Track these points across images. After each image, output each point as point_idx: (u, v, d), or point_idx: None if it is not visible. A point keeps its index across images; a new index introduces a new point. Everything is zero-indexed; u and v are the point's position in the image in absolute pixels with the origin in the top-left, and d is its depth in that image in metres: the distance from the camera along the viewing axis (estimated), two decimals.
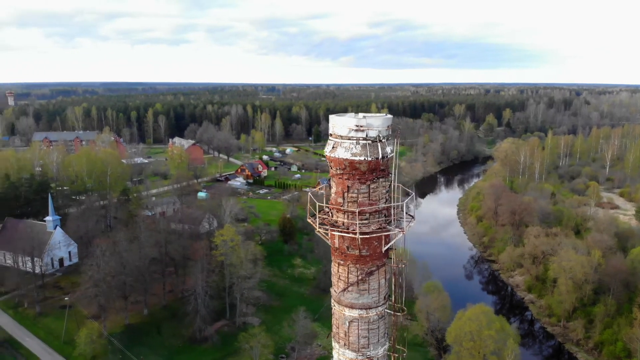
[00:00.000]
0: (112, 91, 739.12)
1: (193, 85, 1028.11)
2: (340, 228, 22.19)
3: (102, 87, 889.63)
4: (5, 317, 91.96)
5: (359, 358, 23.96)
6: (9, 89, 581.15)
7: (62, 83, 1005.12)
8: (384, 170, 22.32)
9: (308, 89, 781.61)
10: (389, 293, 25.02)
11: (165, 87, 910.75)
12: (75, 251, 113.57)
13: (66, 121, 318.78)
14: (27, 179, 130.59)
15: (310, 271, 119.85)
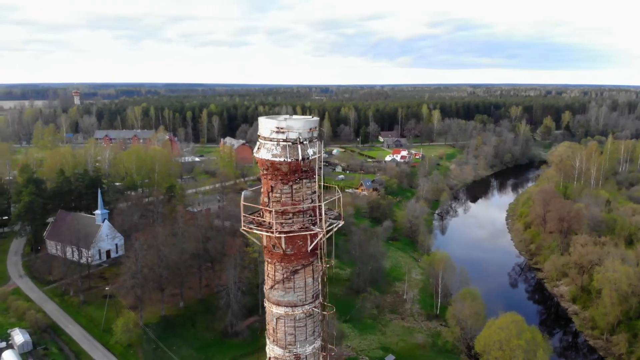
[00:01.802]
0: (173, 92, 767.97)
1: (250, 86, 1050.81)
2: (265, 227, 22.33)
3: (164, 88, 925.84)
4: (51, 304, 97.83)
5: (287, 355, 23.99)
6: (77, 88, 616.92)
7: (127, 84, 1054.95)
8: (307, 171, 22.21)
9: (361, 89, 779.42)
10: (318, 292, 24.77)
11: (224, 88, 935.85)
12: (121, 244, 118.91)
13: (126, 120, 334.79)
14: (81, 174, 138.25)
15: (345, 272, 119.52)
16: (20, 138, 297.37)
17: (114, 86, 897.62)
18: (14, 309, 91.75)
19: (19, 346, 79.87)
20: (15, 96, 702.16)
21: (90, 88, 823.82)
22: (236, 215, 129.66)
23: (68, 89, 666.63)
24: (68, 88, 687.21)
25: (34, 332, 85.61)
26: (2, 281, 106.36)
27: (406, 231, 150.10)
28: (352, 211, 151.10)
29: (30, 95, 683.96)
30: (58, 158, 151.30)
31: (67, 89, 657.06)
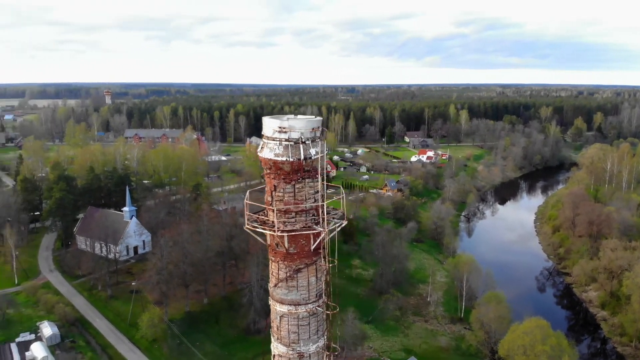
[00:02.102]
0: (202, 92, 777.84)
1: (276, 86, 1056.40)
2: (268, 226, 22.49)
3: (192, 88, 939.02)
4: (80, 298, 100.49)
5: (290, 353, 24.10)
6: (108, 88, 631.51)
7: (157, 83, 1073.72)
8: (310, 171, 22.25)
9: (388, 89, 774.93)
10: (322, 291, 24.78)
11: (251, 88, 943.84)
12: (148, 240, 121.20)
13: (155, 119, 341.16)
14: (110, 171, 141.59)
15: (368, 273, 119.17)
16: (53, 136, 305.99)
17: (145, 86, 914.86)
18: (43, 302, 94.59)
19: (47, 338, 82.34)
20: (49, 95, 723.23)
21: (122, 88, 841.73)
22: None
23: (100, 88, 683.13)
24: (100, 88, 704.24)
25: (63, 325, 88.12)
26: (32, 275, 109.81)
27: (431, 233, 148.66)
28: (376, 212, 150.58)
29: (64, 95, 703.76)
30: (88, 156, 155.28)
31: (99, 89, 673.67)
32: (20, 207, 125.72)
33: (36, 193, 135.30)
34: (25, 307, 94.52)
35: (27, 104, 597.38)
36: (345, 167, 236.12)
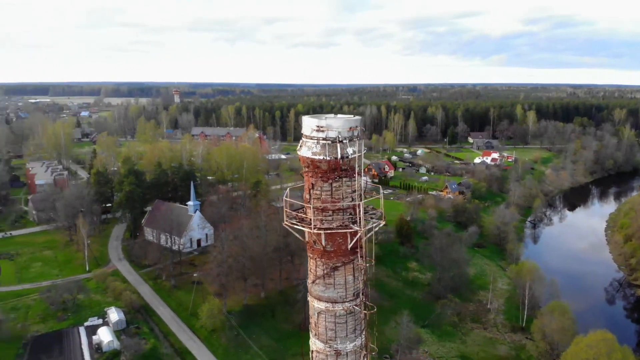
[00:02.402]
0: (265, 92, 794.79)
1: (337, 86, 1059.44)
2: (306, 223, 22.62)
3: (256, 88, 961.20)
4: (145, 286, 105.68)
5: (327, 349, 24.17)
6: (177, 87, 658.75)
7: (223, 83, 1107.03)
8: (347, 170, 22.16)
9: (451, 88, 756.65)
10: (359, 291, 24.58)
11: (312, 88, 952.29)
12: (211, 233, 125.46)
13: (220, 118, 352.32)
14: (177, 167, 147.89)
15: (425, 276, 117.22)
16: (125, 132, 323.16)
17: (211, 86, 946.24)
18: (111, 289, 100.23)
19: (113, 324, 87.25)
20: (122, 93, 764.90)
21: (190, 87, 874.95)
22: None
23: (169, 87, 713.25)
24: (169, 87, 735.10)
25: (128, 312, 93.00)
26: (103, 263, 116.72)
27: (494, 238, 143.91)
28: (435, 214, 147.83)
29: (136, 93, 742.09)
30: (157, 152, 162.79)
31: (168, 88, 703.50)
32: (93, 198, 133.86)
33: (108, 186, 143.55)
34: (94, 293, 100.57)
35: (102, 101, 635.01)
36: (404, 167, 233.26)
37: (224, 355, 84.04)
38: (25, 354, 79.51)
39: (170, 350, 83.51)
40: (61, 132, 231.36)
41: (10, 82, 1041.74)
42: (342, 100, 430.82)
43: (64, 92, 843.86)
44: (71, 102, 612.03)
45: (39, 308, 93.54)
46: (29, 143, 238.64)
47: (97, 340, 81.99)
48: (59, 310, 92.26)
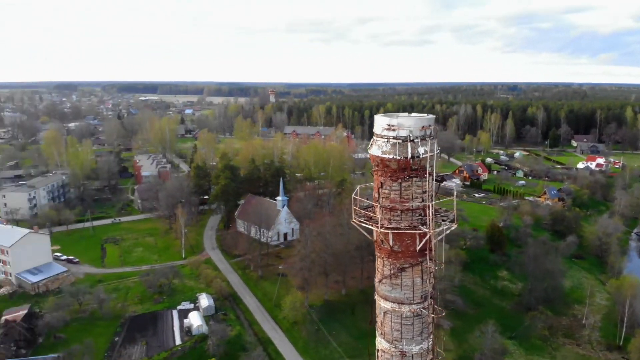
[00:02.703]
0: (356, 91, 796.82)
1: (431, 85, 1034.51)
2: (373, 222, 22.27)
3: (348, 88, 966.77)
4: (235, 275, 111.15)
5: (392, 350, 23.68)
6: (273, 88, 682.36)
7: (316, 84, 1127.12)
8: (417, 170, 21.46)
9: (555, 88, 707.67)
10: (427, 294, 23.74)
11: (404, 87, 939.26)
12: (297, 228, 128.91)
13: (311, 117, 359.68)
14: (268, 164, 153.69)
15: (516, 286, 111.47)
16: (224, 130, 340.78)
17: (305, 86, 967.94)
18: (204, 276, 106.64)
19: (203, 309, 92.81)
20: (223, 93, 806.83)
21: (285, 87, 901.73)
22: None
23: (266, 88, 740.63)
24: (266, 87, 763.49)
25: (218, 299, 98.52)
26: (197, 251, 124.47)
27: (594, 249, 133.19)
28: (531, 221, 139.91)
29: (235, 93, 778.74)
30: (251, 149, 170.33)
31: (265, 88, 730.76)
32: (191, 190, 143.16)
33: (206, 179, 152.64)
34: (188, 279, 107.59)
35: (205, 100, 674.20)
36: (499, 170, 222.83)
37: (303, 348, 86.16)
38: (122, 331, 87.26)
39: (254, 339, 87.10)
40: (166, 128, 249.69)
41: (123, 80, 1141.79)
42: (435, 99, 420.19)
43: (170, 90, 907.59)
44: (177, 100, 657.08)
45: (138, 290, 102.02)
46: (138, 137, 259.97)
47: (187, 324, 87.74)
48: (155, 293, 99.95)
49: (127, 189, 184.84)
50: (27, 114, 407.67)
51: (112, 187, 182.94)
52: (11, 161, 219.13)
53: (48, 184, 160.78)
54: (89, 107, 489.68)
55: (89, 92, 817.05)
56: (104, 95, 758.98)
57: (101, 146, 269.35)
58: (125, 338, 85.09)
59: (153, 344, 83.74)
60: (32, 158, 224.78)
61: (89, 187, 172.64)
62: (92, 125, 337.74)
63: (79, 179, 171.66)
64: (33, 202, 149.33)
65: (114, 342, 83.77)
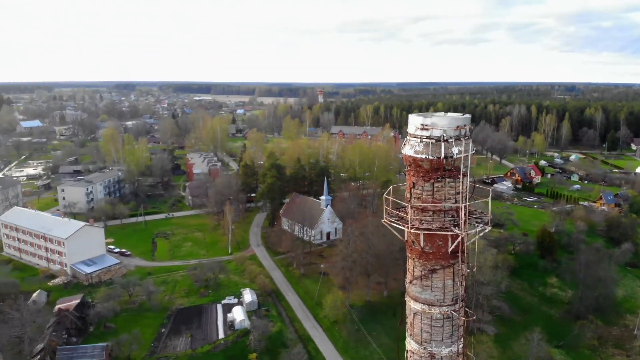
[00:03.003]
0: (406, 91, 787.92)
1: (484, 84, 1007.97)
2: (404, 222, 22.07)
3: (397, 87, 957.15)
4: (278, 272, 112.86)
5: (421, 351, 23.42)
6: (322, 88, 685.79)
7: (365, 83, 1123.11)
8: (451, 170, 21.07)
9: (615, 89, 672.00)
10: (459, 296, 23.26)
11: (456, 86, 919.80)
12: (340, 228, 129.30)
13: (359, 117, 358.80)
14: (313, 163, 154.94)
15: (566, 294, 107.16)
16: (273, 129, 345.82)
17: (354, 86, 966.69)
18: (248, 272, 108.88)
19: (247, 304, 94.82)
20: (273, 93, 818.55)
21: (334, 87, 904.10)
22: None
23: (315, 88, 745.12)
24: (315, 87, 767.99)
25: (261, 294, 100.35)
26: (243, 247, 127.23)
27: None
28: (584, 227, 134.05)
29: (285, 93, 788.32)
30: (297, 148, 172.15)
31: (314, 88, 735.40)
32: (239, 188, 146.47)
33: (253, 178, 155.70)
34: (233, 274, 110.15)
35: (256, 100, 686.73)
36: (553, 173, 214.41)
37: (343, 348, 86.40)
38: (169, 323, 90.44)
39: (295, 336, 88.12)
40: (218, 127, 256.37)
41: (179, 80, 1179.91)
42: (488, 99, 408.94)
43: (223, 91, 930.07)
44: (229, 101, 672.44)
45: (185, 284, 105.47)
46: (190, 136, 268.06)
47: (231, 318, 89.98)
48: (201, 287, 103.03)
49: (179, 186, 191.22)
50: (88, 112, 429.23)
51: (165, 183, 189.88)
52: (71, 157, 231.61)
53: (105, 180, 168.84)
54: (145, 106, 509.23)
55: (146, 91, 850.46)
56: (160, 95, 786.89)
57: (156, 144, 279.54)
58: (171, 330, 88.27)
59: (197, 336, 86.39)
60: (90, 154, 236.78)
61: (143, 183, 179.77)
62: (148, 124, 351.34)
63: (134, 175, 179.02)
64: (90, 196, 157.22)
65: (160, 334, 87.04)
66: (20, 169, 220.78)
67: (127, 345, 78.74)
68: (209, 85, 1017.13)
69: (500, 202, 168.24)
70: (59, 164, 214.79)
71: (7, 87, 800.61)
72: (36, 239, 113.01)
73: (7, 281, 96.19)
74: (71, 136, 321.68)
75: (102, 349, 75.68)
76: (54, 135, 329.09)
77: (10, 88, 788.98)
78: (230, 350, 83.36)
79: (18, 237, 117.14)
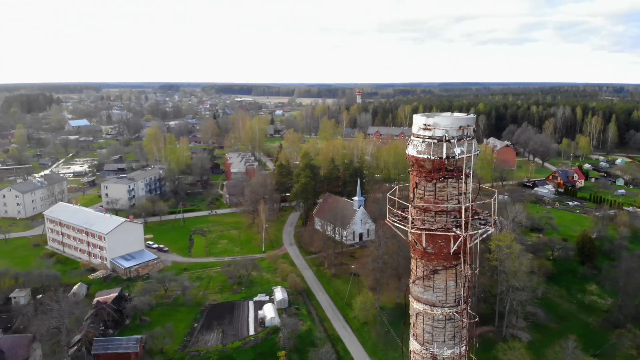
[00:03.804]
0: (448, 91, 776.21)
1: (529, 85, 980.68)
2: (406, 222, 22.00)
3: (439, 88, 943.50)
4: (309, 271, 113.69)
5: (423, 352, 23.29)
6: (360, 88, 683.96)
7: (405, 84, 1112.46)
8: (453, 170, 20.85)
9: None
10: (461, 298, 22.95)
11: (500, 87, 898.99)
12: (372, 229, 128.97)
13: (396, 118, 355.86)
14: (347, 164, 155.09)
15: (605, 302, 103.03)
16: (310, 130, 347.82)
17: (393, 86, 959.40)
18: (280, 270, 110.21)
19: (278, 302, 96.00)
20: (312, 94, 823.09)
21: (373, 88, 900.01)
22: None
23: (354, 88, 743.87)
24: (354, 88, 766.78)
25: (292, 293, 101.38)
26: (277, 246, 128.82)
27: None
28: (628, 233, 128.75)
29: (324, 94, 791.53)
30: (332, 148, 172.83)
31: (353, 89, 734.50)
32: (274, 187, 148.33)
33: (288, 177, 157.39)
34: (266, 272, 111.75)
35: (295, 101, 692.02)
36: (597, 177, 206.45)
37: (372, 349, 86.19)
38: (201, 318, 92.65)
39: (324, 335, 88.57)
40: (256, 127, 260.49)
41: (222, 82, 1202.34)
42: (531, 100, 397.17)
43: (264, 92, 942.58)
44: (269, 102, 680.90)
45: (219, 280, 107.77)
46: (230, 136, 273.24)
47: (261, 315, 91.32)
48: (234, 283, 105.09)
49: (218, 185, 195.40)
50: (133, 112, 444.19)
51: (204, 182, 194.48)
52: (115, 155, 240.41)
53: (146, 177, 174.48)
54: (188, 107, 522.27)
55: (190, 92, 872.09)
56: (203, 96, 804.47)
57: (197, 144, 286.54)
58: (203, 325, 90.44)
59: (228, 332, 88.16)
60: (134, 153, 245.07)
61: (183, 181, 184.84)
62: (190, 124, 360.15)
63: (174, 174, 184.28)
64: (132, 193, 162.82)
65: (193, 328, 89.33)
66: (68, 166, 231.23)
67: (160, 339, 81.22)
68: (250, 86, 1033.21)
69: (541, 206, 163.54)
70: (104, 162, 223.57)
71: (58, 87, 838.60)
72: (78, 234, 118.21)
73: (49, 273, 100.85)
74: (116, 135, 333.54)
75: (136, 341, 78.44)
76: (100, 134, 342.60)
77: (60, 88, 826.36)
78: (259, 347, 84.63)
79: (62, 232, 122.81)
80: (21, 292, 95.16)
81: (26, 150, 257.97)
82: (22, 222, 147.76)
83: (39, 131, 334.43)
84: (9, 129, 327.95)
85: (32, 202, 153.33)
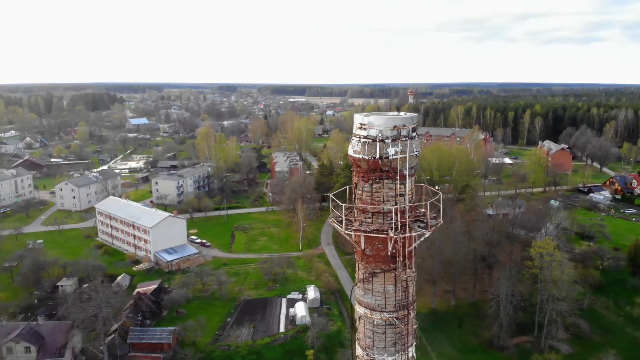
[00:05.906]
0: (506, 92, 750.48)
1: (594, 86, 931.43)
2: (346, 224, 21.55)
3: (497, 88, 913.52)
4: (344, 272, 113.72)
5: (365, 357, 22.73)
6: (416, 88, 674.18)
7: (462, 84, 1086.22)
8: (388, 171, 20.17)
9: None
10: (401, 304, 22.14)
11: (562, 87, 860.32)
12: None
13: (449, 118, 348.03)
14: None
15: None
16: None
17: (449, 86, 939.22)
18: (315, 269, 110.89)
19: (309, 301, 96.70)
20: (365, 94, 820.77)
21: (429, 88, 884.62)
22: (531, 225, 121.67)
23: (408, 89, 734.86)
24: (408, 88, 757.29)
25: (324, 292, 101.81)
26: (314, 245, 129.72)
27: None
28: None
29: (377, 94, 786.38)
30: None
31: (407, 89, 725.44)
32: (313, 187, 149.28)
33: (330, 177, 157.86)
34: (301, 270, 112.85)
35: (347, 101, 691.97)
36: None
37: None
38: (235, 313, 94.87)
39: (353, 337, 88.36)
40: (303, 127, 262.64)
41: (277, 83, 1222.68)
42: (593, 102, 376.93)
43: (317, 93, 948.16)
44: (321, 102, 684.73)
45: (255, 276, 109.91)
46: (278, 135, 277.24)
47: (292, 313, 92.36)
48: (270, 280, 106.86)
49: (263, 183, 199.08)
50: (191, 111, 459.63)
51: (250, 180, 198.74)
52: (170, 153, 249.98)
53: (195, 175, 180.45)
54: (243, 107, 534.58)
55: (246, 93, 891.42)
56: (258, 97, 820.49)
57: (247, 143, 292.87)
58: (236, 319, 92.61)
59: (260, 328, 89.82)
60: (188, 151, 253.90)
61: (230, 179, 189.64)
62: (243, 124, 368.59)
63: (222, 172, 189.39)
64: (180, 189, 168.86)
65: (226, 322, 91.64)
66: (125, 163, 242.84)
67: (193, 331, 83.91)
68: (304, 87, 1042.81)
69: (595, 213, 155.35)
70: (159, 159, 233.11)
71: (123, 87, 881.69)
72: (125, 227, 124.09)
73: (95, 264, 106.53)
74: (172, 133, 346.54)
75: (169, 333, 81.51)
76: (158, 132, 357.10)
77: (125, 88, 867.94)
78: (288, 345, 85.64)
79: (111, 224, 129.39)
80: (68, 281, 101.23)
81: (87, 146, 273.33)
82: (76, 215, 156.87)
83: (101, 128, 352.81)
84: (73, 126, 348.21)
85: (87, 195, 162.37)
